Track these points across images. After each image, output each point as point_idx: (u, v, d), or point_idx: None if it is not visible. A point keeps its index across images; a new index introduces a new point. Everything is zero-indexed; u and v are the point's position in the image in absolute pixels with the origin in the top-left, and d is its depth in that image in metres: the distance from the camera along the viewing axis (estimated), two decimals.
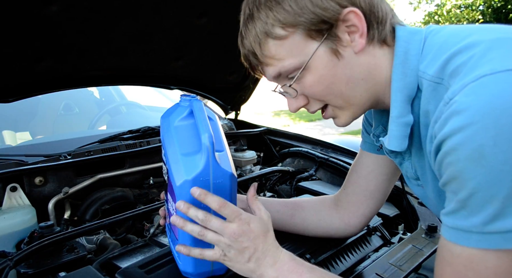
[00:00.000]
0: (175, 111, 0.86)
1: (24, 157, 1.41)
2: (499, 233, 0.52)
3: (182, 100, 0.86)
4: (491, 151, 0.50)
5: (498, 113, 0.50)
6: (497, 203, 0.51)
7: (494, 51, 0.56)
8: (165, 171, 0.86)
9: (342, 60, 0.68)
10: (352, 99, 0.72)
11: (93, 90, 2.63)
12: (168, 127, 0.83)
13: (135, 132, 1.73)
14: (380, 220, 1.30)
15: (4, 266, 0.93)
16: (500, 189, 0.50)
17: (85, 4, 1.22)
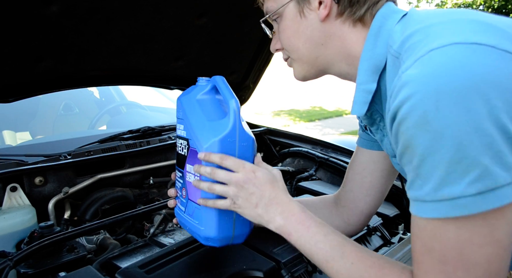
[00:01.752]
0: (194, 90, 0.91)
1: (24, 157, 1.41)
2: (448, 200, 0.51)
3: (200, 80, 0.92)
4: (434, 116, 0.51)
5: (440, 81, 0.51)
6: (443, 168, 0.51)
7: (448, 29, 0.57)
8: (183, 144, 0.89)
9: (305, 20, 0.77)
10: (306, 57, 0.80)
11: (93, 90, 2.63)
12: (189, 102, 0.89)
13: (135, 132, 1.73)
14: (380, 220, 1.30)
15: (4, 266, 0.93)
16: (444, 154, 0.51)
17: (85, 4, 1.22)
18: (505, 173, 0.49)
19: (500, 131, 0.49)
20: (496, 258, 0.51)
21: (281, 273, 0.97)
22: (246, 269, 0.95)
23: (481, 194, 0.50)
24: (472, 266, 0.52)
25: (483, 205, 0.50)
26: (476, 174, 0.49)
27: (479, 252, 0.51)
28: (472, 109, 0.49)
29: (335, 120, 9.03)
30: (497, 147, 0.49)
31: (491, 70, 0.50)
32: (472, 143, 0.49)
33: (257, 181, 0.77)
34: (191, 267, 0.95)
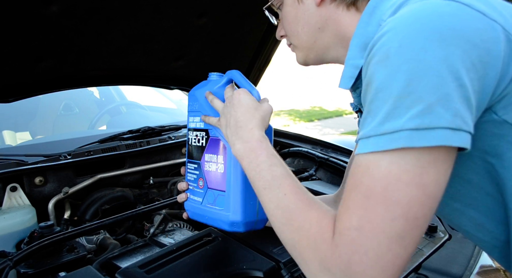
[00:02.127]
0: (207, 84, 0.95)
1: (24, 157, 1.41)
2: (388, 133, 0.51)
3: (212, 75, 0.96)
4: (395, 52, 0.52)
5: (411, 21, 0.53)
6: (391, 102, 0.52)
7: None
8: (199, 136, 0.95)
9: (302, 5, 0.80)
10: (305, 42, 0.83)
11: (93, 90, 2.63)
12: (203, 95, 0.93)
13: (135, 132, 1.73)
14: None
15: (4, 266, 0.93)
16: (395, 88, 0.51)
17: (85, 4, 1.22)
18: (449, 116, 0.50)
19: (453, 77, 0.50)
20: (417, 202, 0.51)
21: (281, 273, 0.97)
22: (246, 269, 0.95)
23: (418, 130, 0.50)
24: (393, 204, 0.51)
25: (417, 140, 0.50)
26: (419, 110, 0.50)
27: (403, 190, 0.50)
28: (429, 50, 0.51)
29: (335, 120, 9.03)
30: (446, 89, 0.50)
31: (459, 22, 0.52)
32: (422, 80, 0.50)
33: (236, 102, 0.82)
34: (191, 267, 0.95)
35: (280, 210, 0.66)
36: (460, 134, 0.50)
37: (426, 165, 0.51)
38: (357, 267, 0.52)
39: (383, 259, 0.51)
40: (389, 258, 0.51)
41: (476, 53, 0.52)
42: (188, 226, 1.37)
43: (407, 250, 0.52)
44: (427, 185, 0.51)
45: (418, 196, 0.51)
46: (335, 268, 0.54)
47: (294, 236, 0.62)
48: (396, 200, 0.51)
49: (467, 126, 0.51)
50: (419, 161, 0.50)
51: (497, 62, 0.53)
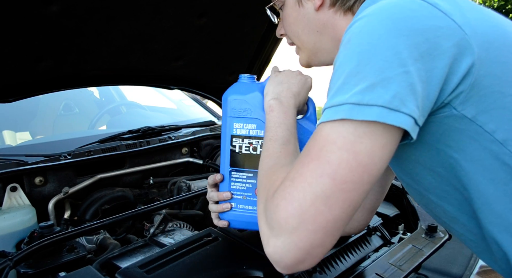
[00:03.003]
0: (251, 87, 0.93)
1: (24, 157, 1.41)
2: (334, 106, 0.57)
3: (242, 77, 0.96)
4: (354, 37, 0.59)
5: (375, 12, 0.60)
6: (342, 79, 0.58)
7: None
8: (254, 144, 0.92)
9: (303, 9, 0.84)
10: (306, 43, 0.87)
11: (93, 90, 2.63)
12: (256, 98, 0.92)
13: (135, 132, 1.73)
14: (380, 220, 1.30)
15: (4, 266, 0.93)
16: (347, 67, 0.58)
17: (85, 4, 1.22)
18: (388, 97, 0.55)
19: (398, 63, 0.56)
20: (347, 166, 0.55)
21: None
22: (246, 269, 0.95)
23: (359, 105, 0.55)
24: (324, 162, 0.55)
25: (355, 113, 0.55)
26: (362, 87, 0.55)
27: (336, 153, 0.55)
28: (382, 37, 0.57)
29: None
30: (390, 73, 0.55)
31: (416, 17, 0.58)
32: (370, 62, 0.56)
33: (294, 73, 0.90)
34: (191, 267, 0.95)
35: (268, 158, 0.74)
36: (396, 115, 0.54)
37: (362, 135, 0.55)
38: (282, 213, 0.56)
39: (305, 212, 0.55)
40: (311, 212, 0.54)
41: (426, 46, 0.57)
42: (188, 226, 1.37)
43: (331, 211, 0.55)
44: (359, 152, 0.55)
45: (348, 161, 0.55)
46: (269, 209, 0.60)
47: (264, 181, 0.69)
48: (328, 160, 0.55)
49: (407, 109, 0.55)
50: (356, 131, 0.55)
51: (446, 57, 0.58)
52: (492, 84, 0.61)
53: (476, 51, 0.60)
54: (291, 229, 0.55)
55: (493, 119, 0.62)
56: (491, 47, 0.61)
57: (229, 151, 0.93)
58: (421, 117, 0.58)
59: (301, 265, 0.57)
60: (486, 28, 0.63)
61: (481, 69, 0.60)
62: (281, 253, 0.57)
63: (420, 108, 0.57)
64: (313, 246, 0.55)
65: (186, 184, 1.55)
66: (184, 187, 1.55)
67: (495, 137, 0.62)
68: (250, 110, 0.91)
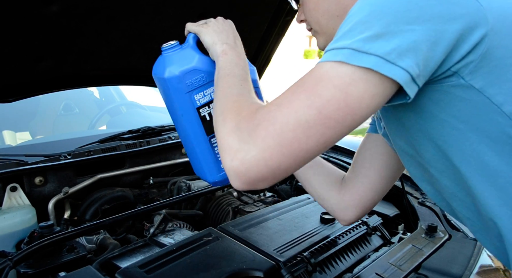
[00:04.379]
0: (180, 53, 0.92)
1: (24, 157, 1.41)
2: (337, 49, 0.60)
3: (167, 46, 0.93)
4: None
5: None
6: (350, 25, 0.60)
7: None
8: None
9: None
10: (325, 29, 0.86)
11: (93, 90, 2.63)
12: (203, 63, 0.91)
13: (135, 132, 1.73)
14: (380, 220, 1.30)
15: (4, 266, 0.93)
16: (357, 15, 0.60)
17: (85, 4, 1.22)
18: (387, 49, 0.57)
19: (406, 21, 0.58)
20: (335, 104, 0.58)
21: (281, 273, 0.97)
22: (246, 269, 0.95)
23: (358, 51, 0.58)
24: (315, 95, 0.59)
25: (353, 59, 0.58)
26: (366, 36, 0.58)
27: (329, 90, 0.58)
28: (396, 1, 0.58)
29: None
30: (395, 28, 0.58)
31: None
32: (379, 15, 0.59)
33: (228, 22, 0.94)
34: (191, 267, 0.95)
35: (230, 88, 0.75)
36: (391, 66, 0.57)
37: (357, 80, 0.58)
38: (262, 132, 0.59)
39: (283, 135, 0.58)
40: (289, 137, 0.58)
41: (438, 9, 0.58)
42: (188, 226, 1.37)
43: (308, 141, 0.59)
44: (350, 94, 0.58)
45: (338, 100, 0.58)
46: (245, 127, 0.62)
47: (230, 105, 0.70)
48: (320, 94, 0.58)
49: (403, 63, 0.57)
50: (353, 74, 0.58)
51: (458, 23, 0.59)
52: (504, 56, 0.61)
53: (490, 22, 0.60)
54: (265, 147, 0.58)
55: (501, 91, 0.62)
56: (507, 20, 0.62)
57: (200, 123, 0.90)
58: (420, 77, 0.59)
59: (261, 183, 0.61)
60: (503, 1, 0.63)
61: (494, 40, 0.60)
62: (248, 166, 0.59)
63: (421, 67, 0.58)
64: (279, 168, 0.59)
65: (186, 184, 1.55)
66: (184, 187, 1.55)
67: (502, 110, 0.63)
68: (204, 75, 0.88)
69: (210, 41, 0.89)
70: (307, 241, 1.11)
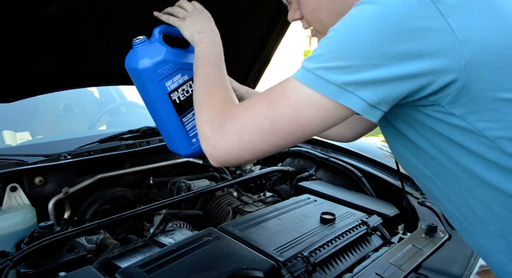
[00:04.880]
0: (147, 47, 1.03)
1: (24, 157, 1.41)
2: (304, 68, 0.65)
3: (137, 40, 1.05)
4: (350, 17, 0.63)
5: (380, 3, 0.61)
6: (322, 49, 0.64)
7: None
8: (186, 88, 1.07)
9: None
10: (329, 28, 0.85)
11: (93, 90, 2.63)
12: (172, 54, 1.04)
13: (135, 132, 1.73)
14: (380, 220, 1.30)
15: (4, 266, 0.93)
16: (329, 41, 0.64)
17: (85, 4, 1.22)
18: (347, 80, 0.61)
19: (373, 56, 0.60)
20: (287, 120, 0.66)
21: (281, 273, 0.97)
22: (246, 268, 0.95)
23: (320, 78, 0.63)
24: (272, 109, 0.67)
25: (314, 85, 0.63)
26: (329, 65, 0.62)
27: (284, 107, 0.66)
28: (367, 28, 0.60)
29: None
30: (358, 62, 0.60)
31: (406, 14, 0.60)
32: (347, 46, 0.61)
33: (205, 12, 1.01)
34: (191, 267, 0.95)
35: (205, 78, 0.85)
36: (348, 96, 0.62)
37: (312, 104, 0.64)
38: (228, 128, 0.71)
39: (243, 135, 0.69)
40: (247, 138, 0.69)
41: (407, 46, 0.59)
42: (188, 226, 1.37)
43: (261, 143, 0.69)
44: (302, 115, 0.65)
45: (290, 117, 0.66)
46: (216, 121, 0.73)
47: (205, 96, 0.82)
48: (275, 109, 0.67)
49: (361, 94, 0.61)
50: (310, 98, 0.64)
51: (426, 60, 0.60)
52: (483, 88, 0.62)
53: (467, 56, 0.60)
54: (229, 141, 0.70)
55: (482, 118, 0.64)
56: (487, 52, 0.61)
57: (171, 106, 1.04)
58: (382, 104, 0.63)
59: (229, 164, 0.75)
60: (487, 31, 0.62)
61: (471, 75, 0.61)
62: (218, 152, 0.72)
63: (381, 97, 0.62)
64: (240, 158, 0.72)
65: (186, 184, 1.55)
66: (184, 187, 1.55)
67: (485, 134, 0.64)
68: (172, 65, 1.01)
69: (188, 34, 0.98)
70: (307, 241, 1.11)
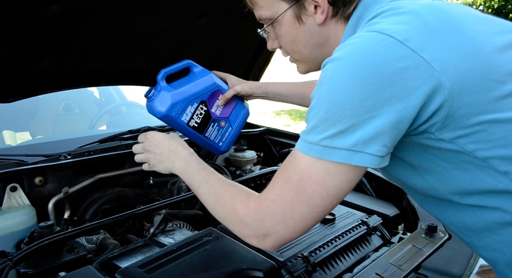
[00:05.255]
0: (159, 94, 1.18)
1: (24, 157, 1.41)
2: (309, 142, 0.68)
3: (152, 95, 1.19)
4: (326, 81, 0.66)
5: (346, 56, 0.64)
6: (315, 120, 0.66)
7: (393, 17, 0.68)
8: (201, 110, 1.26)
9: (304, 26, 0.82)
10: (307, 58, 0.87)
11: (93, 90, 2.63)
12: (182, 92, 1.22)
13: (135, 132, 1.73)
14: (380, 220, 1.30)
15: (4, 266, 0.93)
16: (319, 111, 0.66)
17: (85, 4, 1.22)
18: (352, 141, 0.63)
19: (364, 110, 0.62)
20: (319, 196, 0.69)
21: (281, 273, 0.97)
22: (246, 268, 0.95)
23: (328, 147, 0.65)
24: (301, 192, 0.69)
25: (326, 155, 0.66)
26: (331, 133, 0.65)
27: (311, 186, 0.68)
28: (349, 86, 0.62)
29: None
30: (355, 121, 0.63)
31: (382, 62, 0.62)
32: (338, 110, 0.63)
33: (156, 142, 1.00)
34: (191, 267, 0.96)
35: (212, 196, 0.86)
36: (360, 156, 0.64)
37: (332, 173, 0.67)
38: (267, 225, 0.73)
39: (286, 222, 0.72)
40: (291, 223, 0.72)
41: (393, 90, 0.61)
42: (188, 226, 1.37)
43: (306, 222, 0.72)
44: (329, 186, 0.68)
45: (320, 192, 0.68)
46: (252, 224, 0.76)
47: (223, 209, 0.83)
48: (304, 190, 0.69)
49: (371, 150, 0.64)
50: (327, 169, 0.67)
51: (415, 97, 0.62)
52: (467, 113, 0.64)
53: (447, 85, 0.62)
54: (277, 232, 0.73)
55: (471, 141, 0.66)
56: (465, 78, 0.63)
57: (193, 131, 1.23)
58: (391, 148, 0.66)
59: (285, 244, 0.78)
60: (461, 57, 0.63)
61: (455, 102, 0.63)
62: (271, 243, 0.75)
63: (390, 145, 0.65)
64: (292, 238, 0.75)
65: (186, 184, 1.55)
66: (184, 187, 1.55)
67: (476, 155, 0.67)
68: (181, 104, 1.19)
69: (165, 170, 1.01)
70: (307, 241, 1.11)
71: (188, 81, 1.26)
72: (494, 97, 0.64)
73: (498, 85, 0.64)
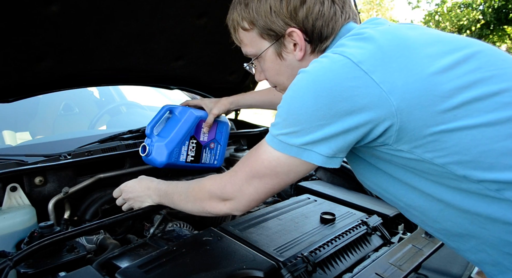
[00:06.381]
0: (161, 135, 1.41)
1: (24, 157, 1.41)
2: (271, 135, 0.82)
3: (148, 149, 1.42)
4: (292, 88, 0.78)
5: (308, 72, 0.76)
6: (279, 118, 0.80)
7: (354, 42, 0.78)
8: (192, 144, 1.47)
9: (285, 61, 0.93)
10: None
11: (93, 90, 2.63)
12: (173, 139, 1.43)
13: (135, 132, 1.73)
14: (380, 220, 1.30)
15: (4, 266, 0.93)
16: (281, 111, 0.79)
17: (85, 4, 1.22)
18: (303, 141, 0.76)
19: (316, 117, 0.73)
20: (268, 178, 0.85)
21: (281, 273, 0.97)
22: (246, 268, 0.95)
23: (283, 142, 0.79)
24: (255, 171, 0.86)
25: (281, 148, 0.80)
26: (287, 131, 0.78)
27: (262, 169, 0.85)
28: (305, 96, 0.74)
29: None
30: (307, 125, 0.75)
31: (336, 80, 0.72)
32: (294, 114, 0.76)
33: (129, 189, 1.21)
34: (191, 267, 0.95)
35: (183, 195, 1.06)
36: (308, 153, 0.77)
37: (282, 164, 0.82)
38: (229, 189, 0.92)
39: (243, 192, 0.90)
40: (247, 192, 0.90)
41: (343, 104, 0.72)
42: (188, 226, 1.37)
43: (259, 195, 0.90)
44: (279, 173, 0.84)
45: (270, 175, 0.85)
46: (217, 190, 0.95)
47: (193, 194, 1.02)
48: (257, 170, 0.86)
49: (318, 149, 0.76)
50: (279, 159, 0.82)
51: (363, 112, 0.72)
52: (418, 126, 0.71)
53: (395, 103, 0.70)
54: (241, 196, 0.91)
55: (427, 150, 0.73)
56: (412, 96, 0.70)
57: (192, 164, 1.47)
58: (338, 153, 0.77)
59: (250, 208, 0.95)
60: (408, 78, 0.71)
61: (403, 117, 0.71)
62: (233, 210, 0.95)
63: (335, 149, 0.76)
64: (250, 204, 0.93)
65: None
66: None
67: (434, 163, 0.73)
68: (175, 148, 1.40)
69: (145, 206, 1.18)
70: (307, 241, 1.11)
71: (173, 125, 1.41)
72: (442, 110, 0.70)
73: (444, 100, 0.71)
